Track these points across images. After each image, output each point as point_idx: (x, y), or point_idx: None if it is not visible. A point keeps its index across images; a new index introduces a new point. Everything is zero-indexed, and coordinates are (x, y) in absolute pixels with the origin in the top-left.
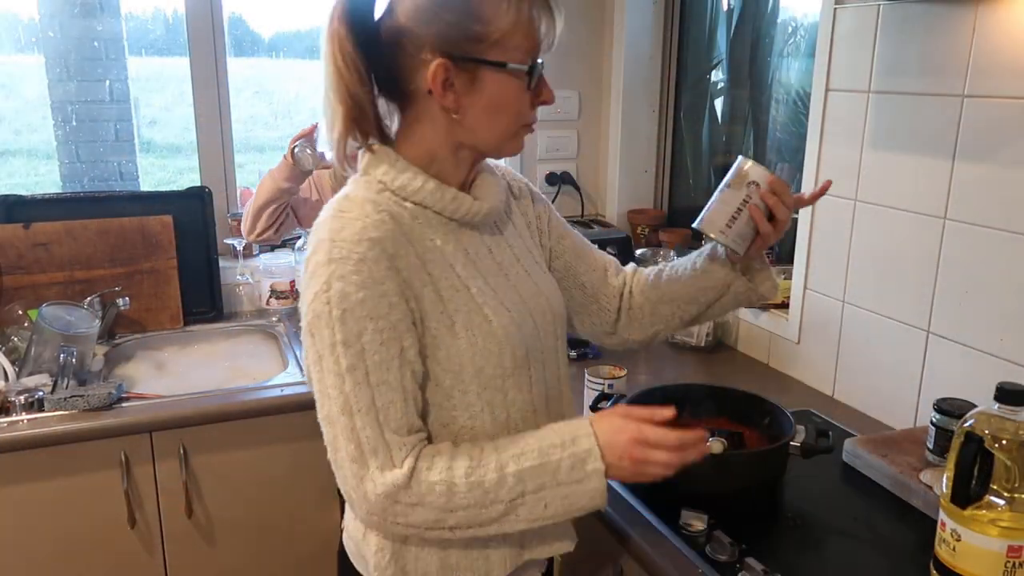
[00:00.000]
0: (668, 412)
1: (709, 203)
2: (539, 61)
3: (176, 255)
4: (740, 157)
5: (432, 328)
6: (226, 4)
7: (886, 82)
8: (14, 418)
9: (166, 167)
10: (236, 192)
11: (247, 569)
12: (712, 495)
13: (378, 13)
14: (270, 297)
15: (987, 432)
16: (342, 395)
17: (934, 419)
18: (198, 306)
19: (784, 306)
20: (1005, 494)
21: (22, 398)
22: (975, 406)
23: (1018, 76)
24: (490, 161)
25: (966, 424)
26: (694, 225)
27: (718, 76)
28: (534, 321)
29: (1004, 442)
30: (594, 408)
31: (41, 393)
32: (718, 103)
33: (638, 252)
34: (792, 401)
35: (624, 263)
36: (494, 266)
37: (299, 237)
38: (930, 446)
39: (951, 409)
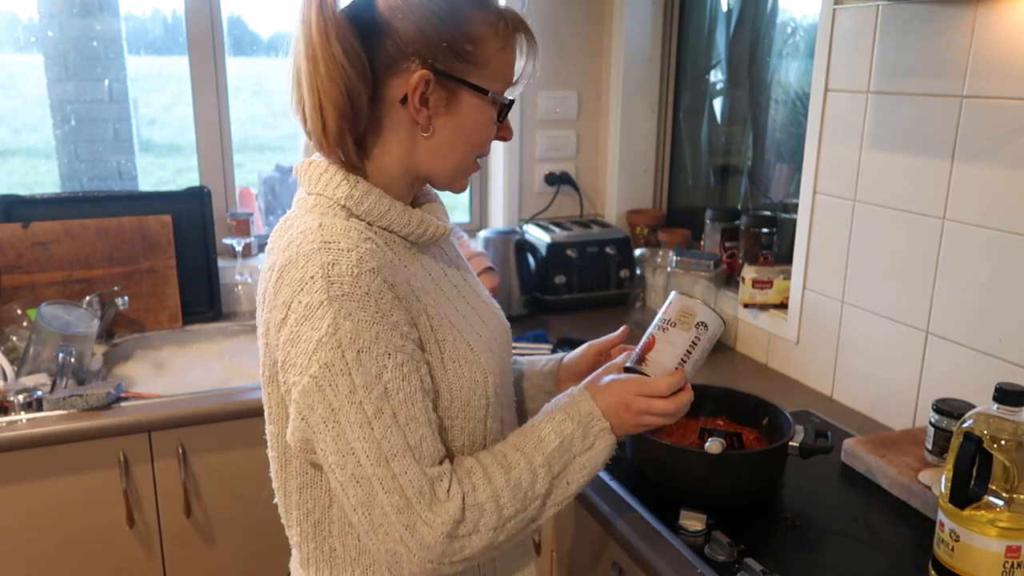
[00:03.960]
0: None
1: (648, 341)
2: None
3: (175, 255)
4: (677, 295)
5: (427, 359)
6: (225, 4)
7: (885, 82)
8: (13, 418)
9: (165, 167)
10: (235, 192)
11: (245, 569)
12: (711, 495)
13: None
14: None
15: (986, 433)
16: (373, 444)
17: (933, 419)
18: (197, 306)
19: (783, 306)
20: (1004, 494)
21: (21, 397)
22: (974, 406)
23: (1017, 77)
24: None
25: (965, 424)
26: (627, 364)
27: (717, 76)
28: (497, 342)
29: (1003, 442)
30: None
31: (40, 393)
32: (717, 103)
33: (637, 252)
34: (791, 401)
35: (624, 263)
36: (454, 290)
37: None
38: (929, 446)
39: (950, 409)
